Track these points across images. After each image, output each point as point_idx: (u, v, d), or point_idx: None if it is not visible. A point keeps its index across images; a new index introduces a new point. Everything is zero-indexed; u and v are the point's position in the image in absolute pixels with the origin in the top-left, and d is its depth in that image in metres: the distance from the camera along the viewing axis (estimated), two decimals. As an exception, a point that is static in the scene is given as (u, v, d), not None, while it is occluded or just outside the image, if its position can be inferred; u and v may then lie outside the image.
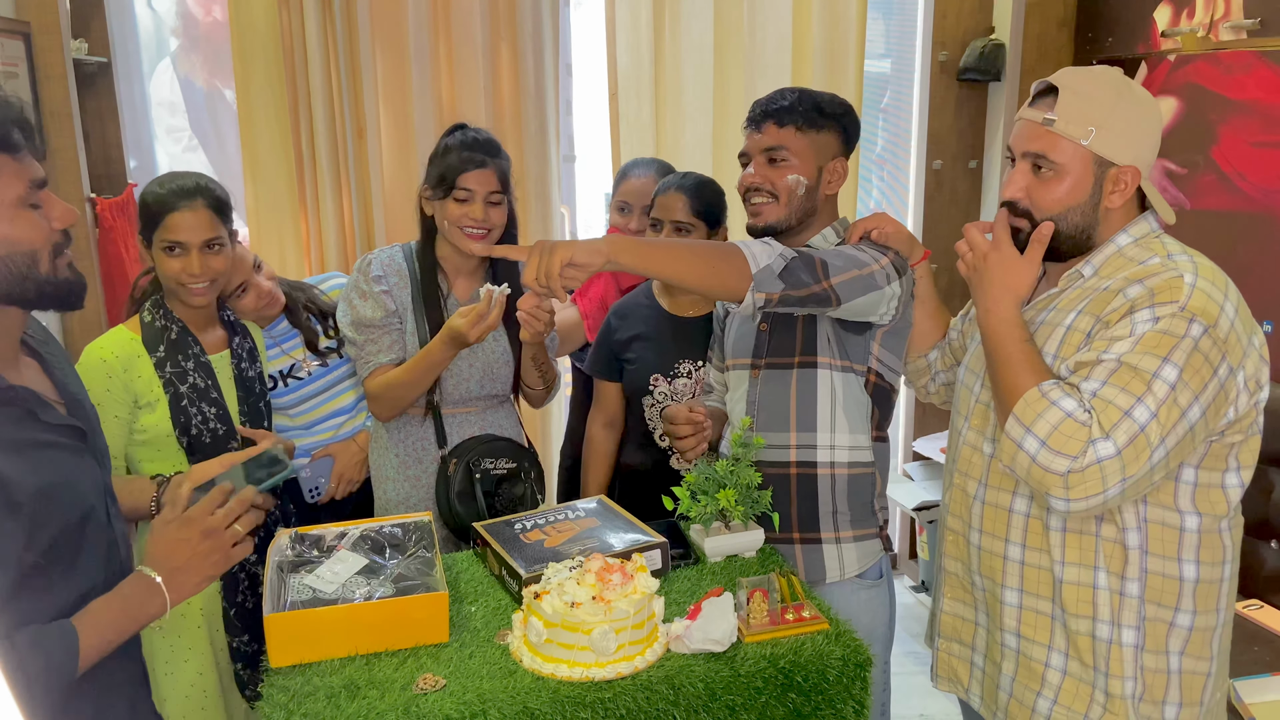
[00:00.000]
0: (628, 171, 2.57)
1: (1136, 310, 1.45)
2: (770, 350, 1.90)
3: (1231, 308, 1.45)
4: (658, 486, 2.16)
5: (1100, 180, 1.54)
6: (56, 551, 1.28)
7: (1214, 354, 1.42)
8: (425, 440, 2.19)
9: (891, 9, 3.58)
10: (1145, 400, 1.39)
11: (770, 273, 1.67)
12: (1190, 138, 2.74)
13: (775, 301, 1.68)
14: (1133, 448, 1.39)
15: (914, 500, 3.47)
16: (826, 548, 1.89)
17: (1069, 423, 1.41)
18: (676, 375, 2.26)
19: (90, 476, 1.35)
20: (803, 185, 1.86)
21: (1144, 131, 1.54)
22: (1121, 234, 1.57)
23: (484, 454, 2.14)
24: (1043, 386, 1.46)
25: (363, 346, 2.13)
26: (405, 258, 2.19)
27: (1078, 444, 1.40)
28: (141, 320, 1.95)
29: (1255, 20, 2.53)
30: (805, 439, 1.87)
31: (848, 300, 1.73)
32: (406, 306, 2.15)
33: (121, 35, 2.98)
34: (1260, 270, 2.52)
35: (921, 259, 1.86)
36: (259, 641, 2.07)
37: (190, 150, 3.32)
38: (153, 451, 1.95)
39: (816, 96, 1.89)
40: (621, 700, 1.39)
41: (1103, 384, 1.42)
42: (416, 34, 2.96)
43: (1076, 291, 1.58)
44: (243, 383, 2.05)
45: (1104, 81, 1.55)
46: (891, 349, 1.88)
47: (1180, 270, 1.46)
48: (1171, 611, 1.52)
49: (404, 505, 2.17)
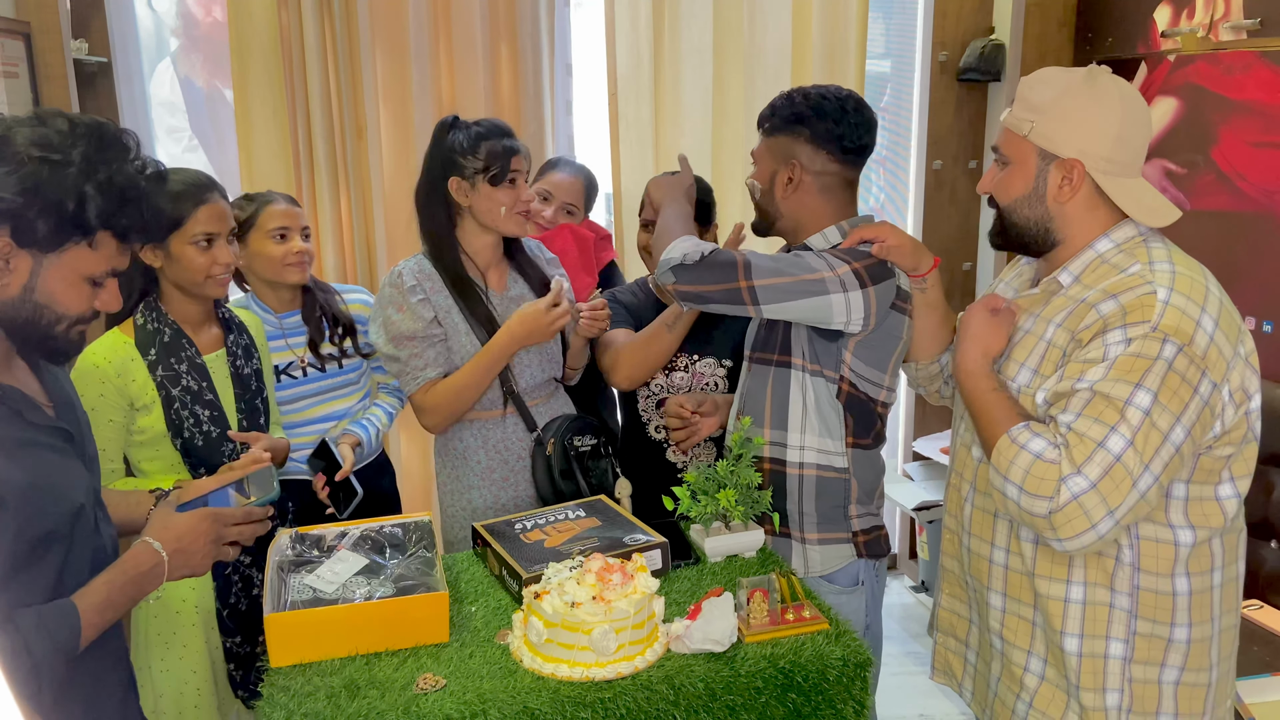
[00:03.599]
0: (556, 164, 2.68)
1: (1109, 330, 1.43)
2: (759, 344, 1.93)
3: (1210, 321, 1.42)
4: (654, 480, 2.18)
5: (1044, 172, 1.54)
6: (45, 549, 1.28)
7: (1192, 372, 1.39)
8: (510, 436, 2.18)
9: (891, 9, 3.57)
10: (1119, 429, 1.38)
11: (667, 264, 1.81)
12: (1190, 138, 2.74)
13: (675, 293, 1.82)
14: (1109, 479, 1.38)
15: (914, 500, 3.46)
16: (793, 544, 1.91)
17: (1039, 464, 1.41)
18: (674, 368, 2.26)
19: (78, 479, 1.36)
20: (757, 189, 1.94)
21: (1092, 126, 1.52)
22: (1103, 239, 1.54)
23: (574, 431, 2.15)
24: (1011, 432, 1.46)
25: (407, 362, 2.09)
26: (432, 262, 2.15)
27: (1050, 484, 1.40)
28: (135, 323, 1.96)
29: (1255, 20, 2.53)
30: (778, 436, 1.89)
31: (769, 302, 1.76)
32: (447, 309, 2.11)
33: (121, 35, 2.98)
34: (1260, 270, 2.51)
35: (932, 268, 1.82)
36: (252, 642, 2.07)
37: (190, 150, 3.32)
38: (151, 452, 1.96)
39: (788, 97, 1.89)
40: (621, 700, 1.39)
41: (1077, 415, 1.41)
42: (416, 34, 2.96)
43: (1059, 301, 1.55)
44: (239, 380, 2.05)
45: (1057, 77, 1.56)
46: (868, 360, 1.84)
47: (1155, 285, 1.43)
48: (1168, 627, 1.50)
49: (491, 511, 2.15)
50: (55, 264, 1.28)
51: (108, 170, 1.27)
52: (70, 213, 1.25)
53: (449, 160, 2.09)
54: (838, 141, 1.85)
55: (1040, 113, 1.54)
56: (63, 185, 1.24)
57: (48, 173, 1.24)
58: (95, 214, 1.27)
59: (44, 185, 1.23)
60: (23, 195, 1.23)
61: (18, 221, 1.23)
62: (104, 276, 1.33)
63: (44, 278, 1.28)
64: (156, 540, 1.38)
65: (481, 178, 2.08)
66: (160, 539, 1.38)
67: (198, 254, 1.94)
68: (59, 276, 1.28)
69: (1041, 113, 1.54)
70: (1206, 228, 2.63)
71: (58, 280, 1.29)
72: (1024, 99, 1.58)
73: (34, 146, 1.24)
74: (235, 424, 2.02)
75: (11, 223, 1.23)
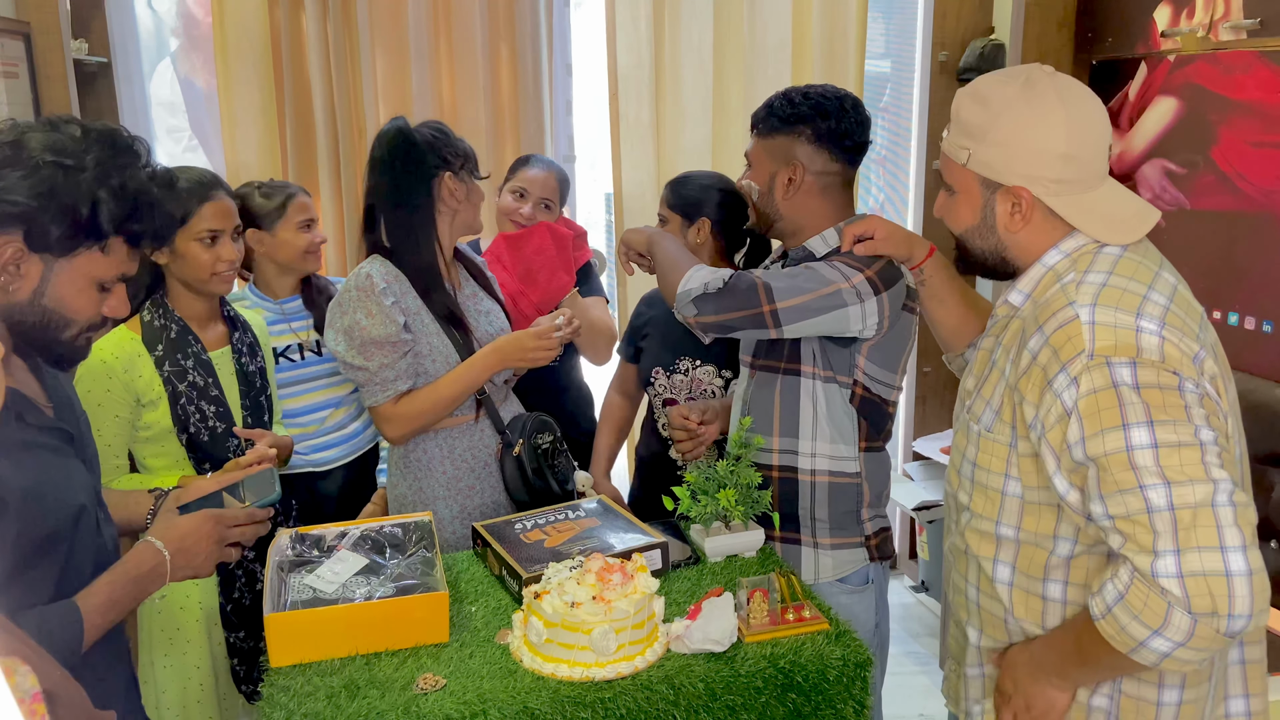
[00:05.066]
0: (529, 161, 2.63)
1: (1051, 378, 1.30)
2: (764, 352, 1.91)
3: (1152, 322, 1.27)
4: (658, 476, 2.19)
5: (990, 202, 1.42)
6: (46, 551, 1.29)
7: (1165, 376, 1.25)
8: (477, 443, 2.14)
9: (891, 9, 3.58)
10: (1146, 482, 1.21)
11: (688, 297, 1.78)
12: (1190, 138, 2.74)
13: (698, 325, 1.79)
14: (1184, 531, 1.18)
15: (914, 500, 3.46)
16: (804, 550, 1.90)
17: (1129, 600, 1.21)
18: (675, 371, 2.26)
19: (79, 479, 1.36)
20: (755, 191, 1.91)
21: (1034, 148, 1.37)
22: (1053, 251, 1.41)
23: (535, 430, 2.14)
24: (1095, 617, 1.27)
25: (376, 372, 2.00)
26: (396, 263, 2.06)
27: (1155, 599, 1.19)
28: (141, 319, 1.97)
29: (1255, 20, 2.52)
30: (787, 444, 1.88)
31: (791, 323, 1.74)
32: (416, 311, 2.04)
33: (121, 35, 2.98)
34: (1260, 270, 2.51)
35: (926, 257, 1.75)
36: (255, 638, 2.07)
37: (190, 150, 3.32)
38: (157, 448, 1.96)
39: (785, 97, 1.85)
40: (621, 700, 1.39)
41: (1102, 500, 1.25)
42: (416, 34, 2.96)
43: (1016, 325, 1.43)
44: (244, 377, 2.06)
45: (991, 92, 1.41)
46: (881, 363, 1.83)
47: (1076, 306, 1.30)
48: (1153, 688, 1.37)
49: (457, 521, 2.12)
50: (66, 269, 1.28)
51: (120, 176, 1.28)
52: (84, 218, 1.26)
53: (438, 158, 2.03)
54: (838, 140, 1.83)
55: (976, 139, 1.40)
56: (76, 190, 1.25)
57: (61, 178, 1.24)
58: (108, 219, 1.28)
59: (58, 190, 1.24)
60: (36, 200, 1.23)
61: (31, 225, 1.24)
62: (113, 282, 1.34)
63: (54, 283, 1.28)
64: (159, 540, 1.39)
65: (467, 174, 2.08)
66: (163, 539, 1.39)
67: (203, 250, 1.95)
68: (69, 281, 1.29)
69: (978, 139, 1.40)
70: (1206, 228, 2.62)
71: (68, 285, 1.29)
72: (958, 121, 1.43)
73: (47, 151, 1.25)
74: (240, 420, 2.03)
75: (25, 226, 1.24)
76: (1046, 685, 1.40)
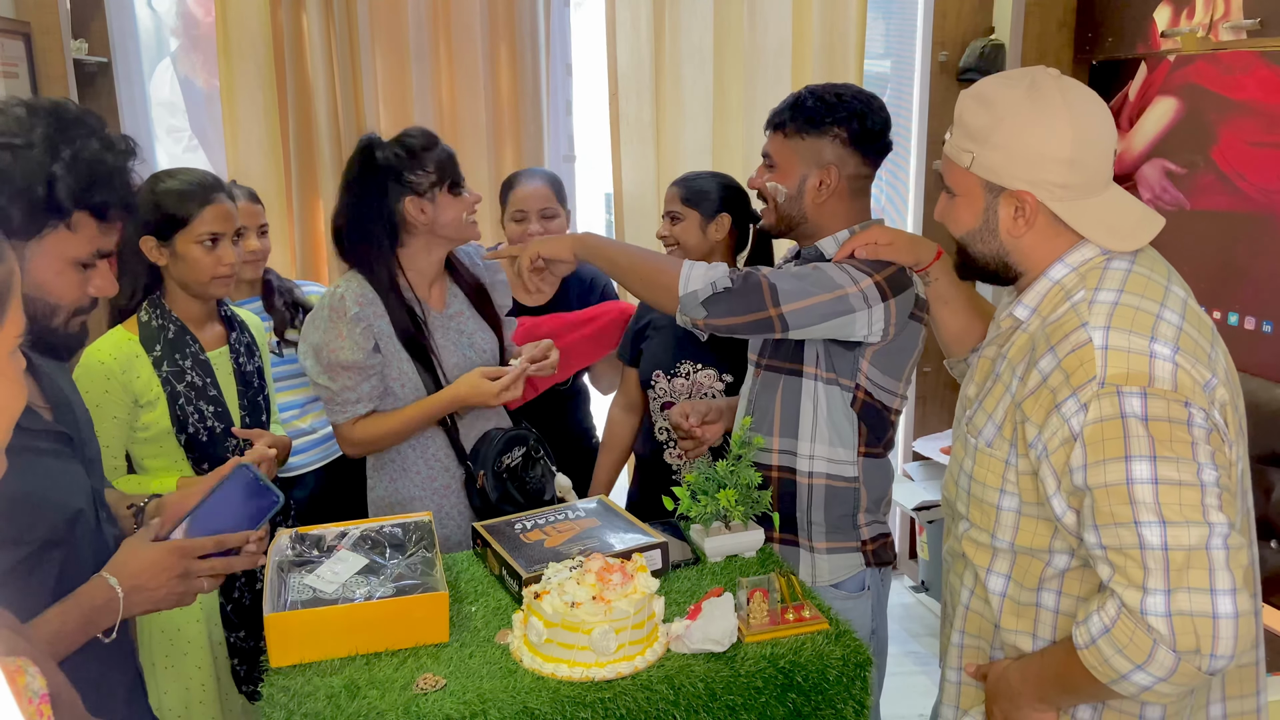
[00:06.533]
0: (515, 180, 2.56)
1: (1060, 401, 1.28)
2: (770, 352, 1.91)
3: (1165, 347, 1.26)
4: (656, 478, 2.18)
5: (993, 206, 1.40)
6: (43, 556, 1.28)
7: (1175, 409, 1.23)
8: (445, 449, 2.12)
9: (891, 9, 3.58)
10: (1142, 518, 1.21)
11: (695, 299, 1.73)
12: (1190, 138, 2.74)
13: (705, 327, 1.76)
14: (1175, 572, 1.19)
15: (914, 500, 3.47)
16: (801, 552, 1.90)
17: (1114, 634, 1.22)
18: (675, 374, 2.26)
19: (78, 482, 1.35)
20: (781, 193, 1.85)
21: (1039, 152, 1.35)
22: (1057, 264, 1.39)
23: (500, 451, 2.09)
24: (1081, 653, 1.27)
25: (338, 393, 2.00)
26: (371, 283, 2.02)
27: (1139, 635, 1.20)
28: (139, 320, 1.96)
29: (1255, 20, 2.53)
30: (787, 445, 1.87)
31: (798, 326, 1.72)
32: (389, 335, 2.02)
33: (121, 35, 2.98)
34: (1260, 270, 2.51)
35: (934, 260, 1.74)
36: (256, 637, 2.07)
37: (190, 150, 3.33)
38: (155, 449, 1.96)
39: (816, 97, 1.81)
40: (621, 700, 1.39)
41: (1095, 530, 1.25)
42: (416, 34, 2.96)
43: (1021, 340, 1.41)
44: (242, 377, 2.06)
45: (996, 95, 1.39)
46: (884, 369, 1.81)
47: (1089, 329, 1.28)
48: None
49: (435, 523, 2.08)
50: (38, 252, 1.26)
51: (71, 149, 1.25)
52: (41, 196, 1.23)
53: (398, 180, 1.98)
54: (870, 143, 1.81)
55: (980, 142, 1.38)
56: (28, 169, 1.22)
57: (10, 158, 1.22)
58: (67, 194, 1.25)
59: (9, 172, 1.21)
60: None
61: None
62: (91, 259, 1.30)
63: (29, 269, 1.25)
64: (113, 576, 1.31)
65: (439, 190, 2.00)
66: (117, 575, 1.31)
67: (203, 254, 1.94)
68: (44, 265, 1.26)
69: (981, 142, 1.38)
70: (1206, 228, 2.62)
71: (44, 269, 1.27)
72: (962, 124, 1.42)
73: None
74: (238, 420, 2.03)
75: None
76: (1030, 710, 1.41)
